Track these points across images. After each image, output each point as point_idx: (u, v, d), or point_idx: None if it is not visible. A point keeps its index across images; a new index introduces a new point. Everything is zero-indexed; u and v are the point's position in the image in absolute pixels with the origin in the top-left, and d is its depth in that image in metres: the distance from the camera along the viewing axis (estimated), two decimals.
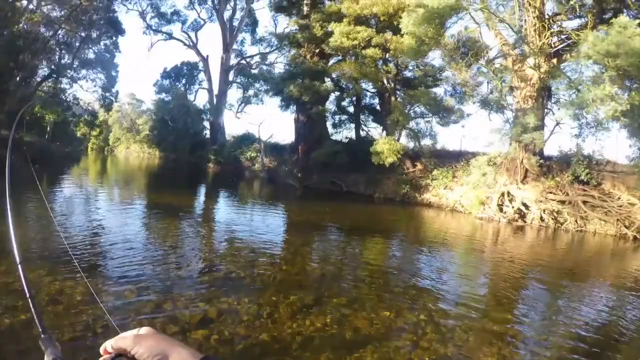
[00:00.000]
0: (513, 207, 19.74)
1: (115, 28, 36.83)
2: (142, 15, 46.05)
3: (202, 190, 27.17)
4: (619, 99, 14.19)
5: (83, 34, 34.34)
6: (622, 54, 13.03)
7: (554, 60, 19.15)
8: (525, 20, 19.31)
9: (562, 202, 18.88)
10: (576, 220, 18.37)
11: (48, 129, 43.46)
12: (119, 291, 6.69)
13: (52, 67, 35.50)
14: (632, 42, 12.78)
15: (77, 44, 35.19)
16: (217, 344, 5.27)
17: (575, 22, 19.43)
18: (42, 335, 1.17)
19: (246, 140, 42.00)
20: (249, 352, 5.24)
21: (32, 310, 1.28)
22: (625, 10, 16.60)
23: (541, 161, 20.04)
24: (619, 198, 18.03)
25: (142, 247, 9.84)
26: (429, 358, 5.47)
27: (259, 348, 5.36)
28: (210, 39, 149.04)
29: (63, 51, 35.07)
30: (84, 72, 38.15)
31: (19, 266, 1.43)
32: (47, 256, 8.23)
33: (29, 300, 1.32)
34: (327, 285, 8.46)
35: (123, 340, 0.95)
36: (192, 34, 48.28)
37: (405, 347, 5.70)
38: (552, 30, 18.85)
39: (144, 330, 0.97)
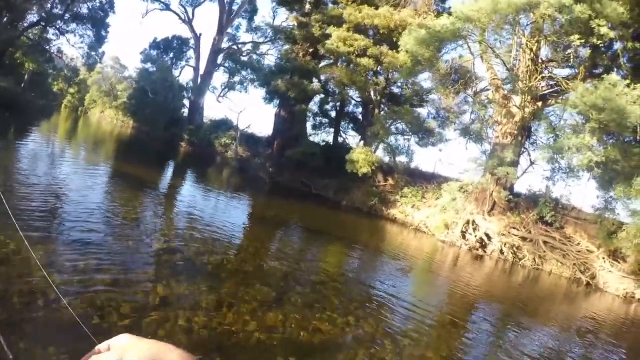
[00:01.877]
0: (476, 235, 20.09)
1: None
2: None
3: (171, 169, 26.65)
4: (595, 150, 14.70)
5: None
6: (607, 109, 13.56)
7: (539, 103, 19.67)
8: (519, 60, 19.74)
9: (524, 239, 19.37)
10: (534, 258, 18.87)
11: (25, 77, 41.88)
12: (74, 264, 6.25)
13: (43, 14, 34.14)
14: (618, 100, 13.31)
15: None
16: (172, 330, 5.10)
17: (566, 71, 20.04)
18: (11, 357, 0.96)
19: (223, 125, 41.41)
20: (205, 343, 5.08)
21: None
22: (615, 69, 17.15)
23: (510, 196, 20.52)
24: (579, 243, 18.69)
25: (103, 217, 9.39)
26: None
27: (216, 339, 5.22)
28: (206, 18, 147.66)
29: (56, 0, 33.90)
30: (73, 25, 37.11)
31: None
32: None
33: None
34: (290, 284, 8.42)
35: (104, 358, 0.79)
36: (190, 10, 47.45)
37: (360, 356, 5.70)
38: (543, 74, 19.35)
39: (123, 338, 0.83)
